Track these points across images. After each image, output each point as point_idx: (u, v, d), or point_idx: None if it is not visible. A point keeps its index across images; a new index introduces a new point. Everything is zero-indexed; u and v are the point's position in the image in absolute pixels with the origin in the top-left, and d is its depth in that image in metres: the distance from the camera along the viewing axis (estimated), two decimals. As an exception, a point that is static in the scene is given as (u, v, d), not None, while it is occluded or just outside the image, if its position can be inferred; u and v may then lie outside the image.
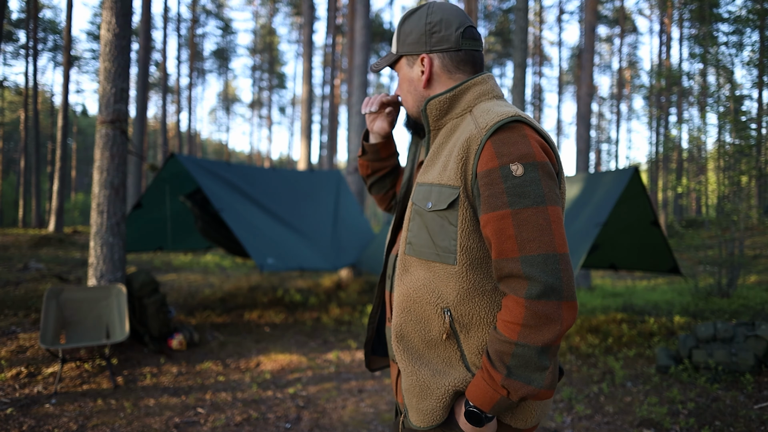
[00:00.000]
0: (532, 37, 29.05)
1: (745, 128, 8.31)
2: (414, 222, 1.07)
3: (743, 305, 6.62)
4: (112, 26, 4.40)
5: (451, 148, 1.05)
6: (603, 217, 4.54)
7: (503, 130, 0.97)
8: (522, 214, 0.92)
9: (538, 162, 0.94)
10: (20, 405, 3.24)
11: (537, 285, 0.89)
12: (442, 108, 1.10)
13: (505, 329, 0.93)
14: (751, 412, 3.18)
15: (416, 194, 1.08)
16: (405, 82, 1.17)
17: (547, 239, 0.91)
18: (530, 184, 0.93)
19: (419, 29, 1.12)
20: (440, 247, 1.01)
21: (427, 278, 1.03)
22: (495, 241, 0.94)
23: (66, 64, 13.87)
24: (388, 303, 1.21)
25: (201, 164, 5.84)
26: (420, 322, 1.05)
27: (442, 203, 1.01)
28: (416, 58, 1.14)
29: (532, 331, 0.90)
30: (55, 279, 7.04)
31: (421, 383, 1.04)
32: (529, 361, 0.91)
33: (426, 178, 1.08)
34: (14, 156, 30.23)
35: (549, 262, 0.90)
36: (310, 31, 12.33)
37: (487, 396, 0.96)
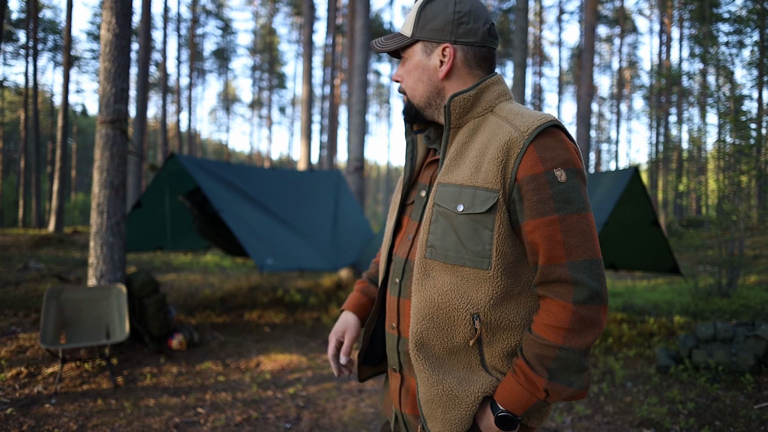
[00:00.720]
0: (532, 37, 29.06)
1: (745, 128, 8.31)
2: (437, 224, 1.02)
3: (743, 305, 6.62)
4: (112, 26, 4.40)
5: (481, 148, 1.01)
6: (603, 217, 4.54)
7: (543, 135, 0.96)
8: (568, 220, 0.93)
9: (577, 168, 0.96)
10: (20, 405, 3.24)
11: (584, 290, 0.91)
12: (466, 105, 1.05)
13: (549, 333, 0.93)
14: (751, 412, 3.18)
15: (440, 195, 1.02)
16: (417, 70, 1.09)
17: (590, 245, 0.93)
18: (573, 191, 0.94)
19: (446, 17, 1.06)
20: (472, 251, 0.98)
21: (454, 283, 1.00)
22: (544, 246, 0.93)
23: (66, 64, 13.87)
24: (393, 310, 1.12)
25: (201, 164, 5.84)
26: (444, 328, 1.01)
27: (478, 206, 0.97)
28: (437, 46, 1.07)
29: (577, 335, 0.92)
30: (55, 279, 7.05)
31: (448, 392, 1.01)
32: (571, 363, 0.93)
33: (452, 179, 1.02)
34: (14, 156, 30.24)
35: (594, 267, 0.93)
36: (310, 31, 12.33)
37: (522, 399, 0.95)
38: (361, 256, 6.58)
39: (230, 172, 6.10)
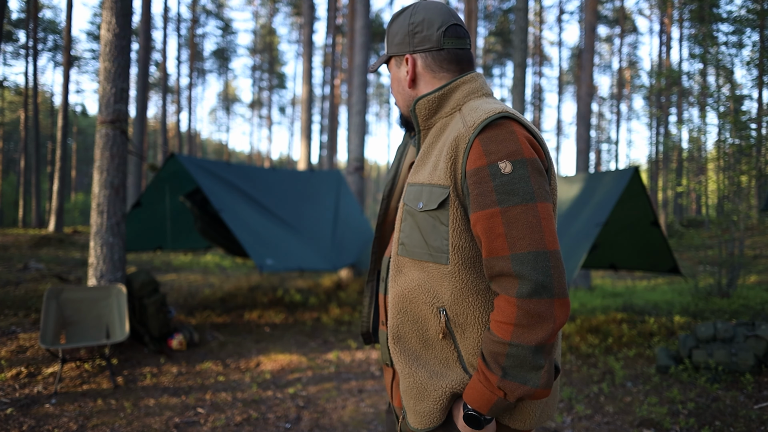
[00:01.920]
0: (532, 37, 29.05)
1: (745, 128, 8.31)
2: (406, 222, 1.06)
3: (743, 305, 6.62)
4: (112, 26, 4.40)
5: (440, 147, 1.04)
6: (603, 217, 4.54)
7: (491, 128, 0.96)
8: (511, 212, 0.91)
9: (526, 159, 0.93)
10: (20, 405, 3.24)
11: (528, 283, 0.89)
12: (431, 107, 1.10)
13: (498, 329, 0.92)
14: (751, 412, 3.18)
15: (407, 194, 1.07)
16: (395, 82, 1.19)
17: (537, 236, 0.90)
18: (519, 182, 0.92)
19: (403, 30, 1.13)
20: (433, 246, 1.01)
21: (421, 278, 1.03)
22: (485, 239, 0.93)
23: (66, 64, 13.87)
24: (382, 306, 1.19)
25: (201, 164, 5.84)
26: (416, 322, 1.05)
27: (432, 203, 1.00)
28: (402, 58, 1.15)
29: (525, 331, 0.90)
30: (55, 279, 7.04)
31: (418, 385, 1.03)
32: (523, 360, 0.90)
33: (417, 178, 1.07)
34: (14, 156, 30.23)
35: (539, 259, 0.89)
36: (310, 31, 12.33)
37: (484, 398, 0.95)
38: (361, 256, 6.58)
39: (230, 172, 6.10)
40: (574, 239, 4.69)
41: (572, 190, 5.30)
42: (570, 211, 5.11)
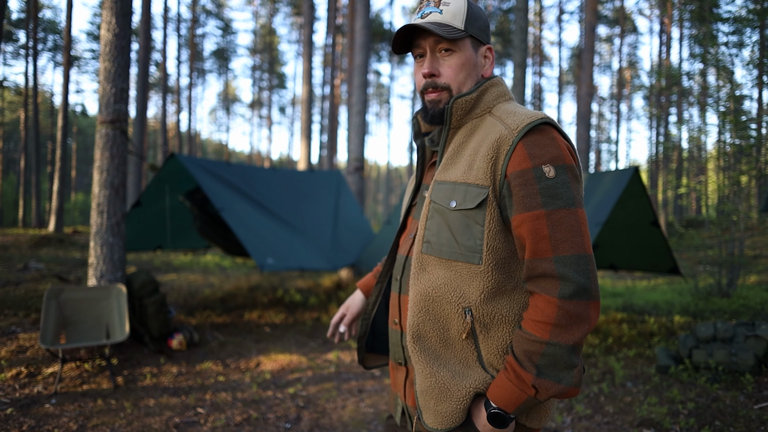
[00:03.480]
0: (532, 37, 29.05)
1: (745, 128, 8.31)
2: (433, 220, 1.04)
3: (743, 305, 6.62)
4: (111, 26, 4.40)
5: (475, 147, 1.03)
6: (603, 217, 4.54)
7: (533, 132, 0.98)
8: (555, 215, 0.93)
9: (567, 165, 0.96)
10: (20, 405, 3.24)
11: (570, 285, 0.91)
12: (467, 107, 1.08)
13: (536, 329, 0.94)
14: (751, 412, 3.18)
15: (436, 192, 1.05)
16: (469, 65, 1.08)
17: (578, 240, 0.93)
18: (561, 186, 0.95)
19: (484, 20, 1.12)
20: (465, 246, 1.00)
21: (447, 277, 1.01)
22: (530, 240, 0.94)
23: (66, 64, 13.87)
24: (395, 306, 1.15)
25: (201, 164, 5.84)
26: (438, 321, 1.03)
27: (469, 202, 0.99)
28: (481, 45, 1.12)
29: (563, 331, 0.92)
30: (55, 279, 7.05)
31: (440, 385, 1.02)
32: (559, 359, 0.92)
33: (447, 176, 1.05)
34: (14, 156, 30.24)
35: (581, 262, 0.92)
36: (310, 31, 12.33)
37: (513, 396, 0.96)
38: (361, 256, 6.58)
39: (230, 172, 6.10)
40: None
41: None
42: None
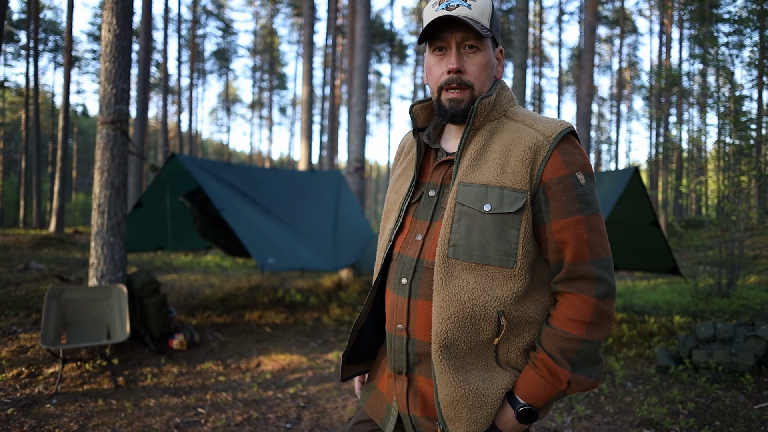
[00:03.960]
0: (533, 38, 29.05)
1: (745, 128, 8.31)
2: (460, 224, 1.01)
3: (743, 305, 6.62)
4: (112, 27, 4.41)
5: (503, 150, 1.03)
6: (603, 218, 4.54)
7: (564, 141, 1.02)
8: (591, 220, 1.00)
9: (591, 173, 1.03)
10: (21, 405, 3.25)
11: (605, 286, 0.99)
12: (488, 108, 1.07)
13: (572, 327, 0.98)
14: (751, 412, 3.18)
15: (463, 195, 1.02)
16: (489, 65, 1.08)
17: (606, 244, 1.02)
18: (591, 193, 1.01)
19: (499, 21, 1.11)
20: (499, 250, 0.99)
21: (479, 281, 1.00)
22: (572, 245, 0.98)
23: (67, 65, 13.88)
24: (401, 311, 1.08)
25: (202, 164, 5.85)
26: (469, 327, 1.01)
27: (507, 206, 0.99)
28: (496, 46, 1.12)
29: (596, 329, 0.98)
30: (55, 279, 7.05)
31: (474, 392, 1.00)
32: (590, 355, 0.99)
33: (476, 179, 1.02)
34: (15, 156, 30.26)
35: (610, 265, 1.01)
36: (310, 32, 12.34)
37: (545, 392, 0.99)
38: (362, 256, 6.58)
39: (231, 172, 6.11)
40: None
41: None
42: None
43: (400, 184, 1.20)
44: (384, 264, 1.15)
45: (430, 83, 1.11)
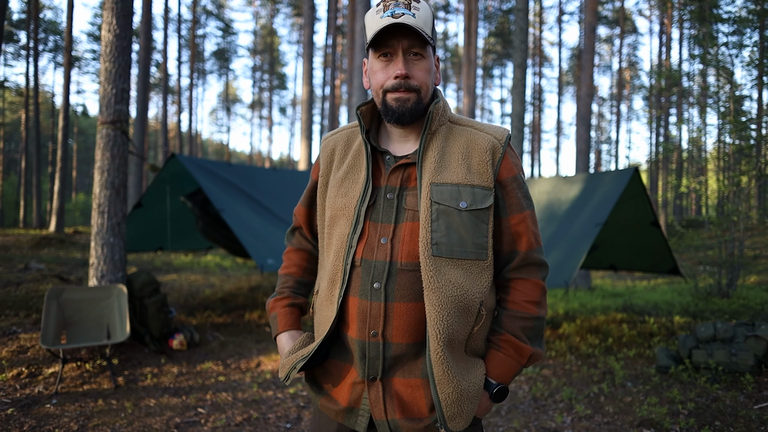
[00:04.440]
0: (533, 38, 29.05)
1: (745, 128, 8.31)
2: (439, 222, 1.04)
3: (743, 305, 6.62)
4: (112, 27, 4.41)
5: (463, 152, 1.11)
6: (603, 218, 4.54)
7: (509, 144, 1.15)
8: (532, 214, 1.14)
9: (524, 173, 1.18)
10: (21, 405, 3.25)
11: (546, 269, 1.14)
12: (440, 113, 1.13)
13: (527, 308, 1.10)
14: (751, 412, 3.18)
15: (439, 194, 1.06)
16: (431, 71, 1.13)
17: (540, 233, 1.17)
18: (528, 190, 1.16)
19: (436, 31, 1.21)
20: (475, 244, 1.06)
21: (463, 276, 1.05)
22: (526, 235, 1.12)
23: (67, 65, 13.87)
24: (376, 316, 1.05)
25: (202, 165, 5.85)
26: (462, 322, 1.04)
27: (480, 203, 1.07)
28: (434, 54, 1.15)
29: (542, 306, 1.12)
30: (55, 279, 7.05)
31: (473, 385, 1.05)
32: (540, 329, 1.12)
33: (446, 179, 1.07)
34: (15, 156, 30.26)
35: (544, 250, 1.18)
36: (310, 32, 12.35)
37: (512, 369, 1.10)
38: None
39: (231, 172, 6.11)
40: (574, 239, 4.70)
41: (572, 191, 5.31)
42: (570, 212, 5.11)
43: (347, 188, 1.15)
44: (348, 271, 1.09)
45: (373, 86, 1.13)
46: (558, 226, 5.02)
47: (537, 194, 5.53)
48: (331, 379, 1.16)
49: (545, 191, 5.49)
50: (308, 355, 1.12)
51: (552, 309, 7.03)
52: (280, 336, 1.25)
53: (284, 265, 1.37)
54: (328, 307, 1.14)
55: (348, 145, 1.22)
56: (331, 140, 1.26)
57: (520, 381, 4.04)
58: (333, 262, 1.13)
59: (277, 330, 1.26)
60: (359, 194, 1.12)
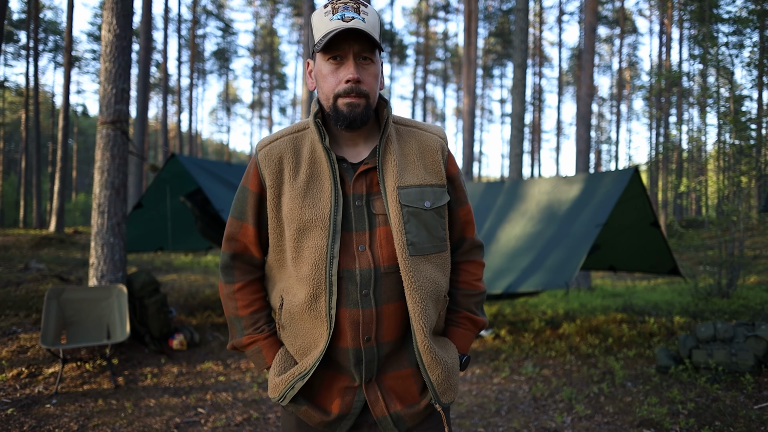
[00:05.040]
0: (533, 38, 29.06)
1: (745, 129, 8.31)
2: (411, 223, 1.09)
3: (743, 305, 6.63)
4: (112, 27, 4.41)
5: (417, 153, 1.17)
6: (603, 218, 4.54)
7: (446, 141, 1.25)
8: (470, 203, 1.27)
9: None
10: (21, 405, 3.25)
11: (483, 249, 1.29)
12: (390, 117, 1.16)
13: (476, 285, 1.25)
14: (751, 412, 3.18)
15: (405, 197, 1.10)
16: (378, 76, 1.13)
17: None
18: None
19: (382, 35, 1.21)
20: (437, 238, 1.15)
21: (433, 270, 1.13)
22: (471, 223, 1.26)
23: (67, 65, 13.88)
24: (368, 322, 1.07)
25: (201, 165, 5.85)
26: (435, 311, 1.15)
27: (440, 200, 1.15)
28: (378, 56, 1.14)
29: (482, 280, 1.29)
30: (55, 279, 7.05)
31: (453, 360, 1.17)
32: (483, 301, 1.28)
33: (409, 181, 1.12)
34: (15, 156, 30.27)
35: None
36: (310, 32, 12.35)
37: (471, 341, 1.25)
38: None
39: (231, 172, 6.11)
40: (575, 240, 4.69)
41: (572, 191, 5.30)
42: (570, 212, 5.11)
43: (313, 199, 1.10)
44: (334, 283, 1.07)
45: (323, 90, 1.10)
46: (558, 227, 5.02)
47: (537, 194, 5.52)
48: (313, 389, 1.14)
49: (545, 191, 5.49)
50: (307, 372, 1.10)
51: (552, 309, 7.03)
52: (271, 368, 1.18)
53: (241, 305, 1.19)
54: (311, 321, 1.10)
55: (296, 152, 1.14)
56: (274, 148, 1.15)
57: (520, 381, 4.04)
58: (311, 275, 1.08)
59: (266, 363, 1.18)
60: (330, 204, 1.09)
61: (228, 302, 1.21)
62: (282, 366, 1.16)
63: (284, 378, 1.13)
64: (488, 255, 5.22)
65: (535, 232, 5.17)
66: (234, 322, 1.21)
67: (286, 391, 1.12)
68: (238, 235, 1.19)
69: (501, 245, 5.29)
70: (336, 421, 1.13)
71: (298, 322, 1.13)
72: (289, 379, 1.12)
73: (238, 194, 1.20)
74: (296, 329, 1.14)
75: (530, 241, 5.11)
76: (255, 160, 1.17)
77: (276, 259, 1.17)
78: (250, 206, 1.17)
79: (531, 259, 4.88)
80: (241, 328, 1.20)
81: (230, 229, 1.20)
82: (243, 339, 1.19)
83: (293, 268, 1.12)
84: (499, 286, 4.81)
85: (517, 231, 5.33)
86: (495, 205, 5.77)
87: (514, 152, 8.18)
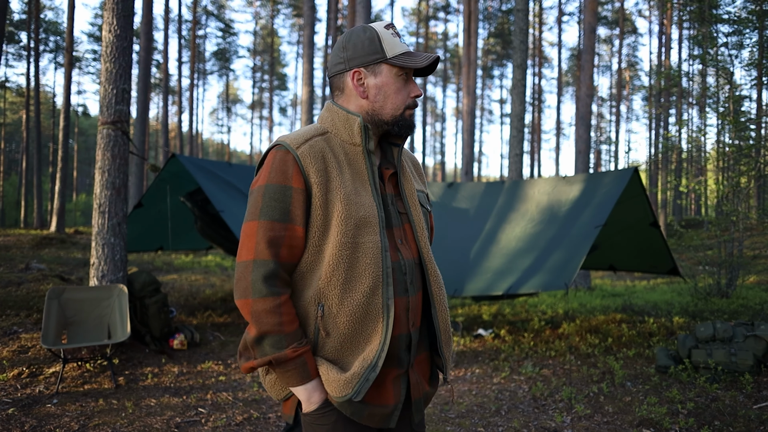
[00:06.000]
0: (532, 39, 29.06)
1: (745, 129, 8.33)
2: (424, 222, 1.29)
3: (742, 305, 6.63)
4: (113, 27, 4.42)
5: (412, 165, 1.38)
6: (603, 219, 4.54)
7: None
8: None
9: None
10: (22, 405, 3.26)
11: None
12: None
13: None
14: (751, 412, 3.19)
15: (422, 199, 1.33)
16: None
17: None
18: None
19: None
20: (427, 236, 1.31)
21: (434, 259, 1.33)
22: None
23: (67, 65, 13.89)
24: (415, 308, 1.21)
25: (202, 165, 5.85)
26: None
27: (429, 205, 1.39)
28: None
29: None
30: (56, 279, 7.06)
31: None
32: None
33: (417, 187, 1.33)
34: (16, 157, 30.29)
35: None
36: (311, 33, 12.36)
37: None
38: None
39: (231, 172, 6.12)
40: (574, 241, 4.70)
41: (572, 191, 5.31)
42: (570, 212, 5.11)
43: (362, 197, 1.16)
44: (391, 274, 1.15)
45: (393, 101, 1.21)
46: (558, 228, 5.02)
47: (537, 195, 5.53)
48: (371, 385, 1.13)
49: (545, 192, 5.49)
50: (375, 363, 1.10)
51: (552, 309, 7.04)
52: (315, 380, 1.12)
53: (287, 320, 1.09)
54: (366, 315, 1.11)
55: (333, 152, 1.18)
56: (314, 146, 1.15)
57: (519, 381, 4.05)
58: (371, 269, 1.12)
59: (310, 374, 1.11)
60: (376, 203, 1.19)
61: (268, 318, 1.08)
62: (339, 366, 1.13)
63: (355, 372, 1.09)
64: (489, 256, 5.23)
65: (536, 232, 5.17)
66: (271, 340, 1.09)
67: (360, 386, 1.08)
68: (285, 238, 1.10)
69: (501, 246, 5.29)
70: (394, 411, 1.18)
71: (350, 321, 1.11)
72: (361, 372, 1.09)
73: (275, 195, 1.10)
74: (346, 330, 1.11)
75: (531, 242, 5.11)
76: (293, 159, 1.12)
77: (310, 261, 1.13)
78: (297, 206, 1.11)
79: (532, 260, 4.88)
80: (282, 345, 1.08)
81: (272, 234, 1.09)
82: (287, 352, 1.08)
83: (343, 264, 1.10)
84: (500, 287, 4.81)
85: (517, 232, 5.33)
86: (495, 205, 5.77)
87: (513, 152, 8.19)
